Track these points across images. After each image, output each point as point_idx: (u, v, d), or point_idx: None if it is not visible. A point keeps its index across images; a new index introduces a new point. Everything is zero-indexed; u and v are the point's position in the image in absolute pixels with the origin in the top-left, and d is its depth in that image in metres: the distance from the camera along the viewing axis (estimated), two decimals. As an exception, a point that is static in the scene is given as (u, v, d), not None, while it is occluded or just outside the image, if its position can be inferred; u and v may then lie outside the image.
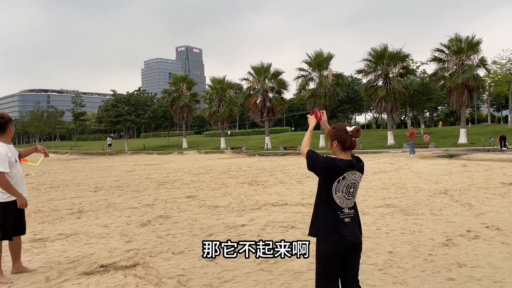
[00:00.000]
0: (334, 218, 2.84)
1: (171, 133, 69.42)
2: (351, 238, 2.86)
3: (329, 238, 2.85)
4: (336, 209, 2.85)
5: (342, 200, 2.86)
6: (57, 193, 12.37)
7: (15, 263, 4.73)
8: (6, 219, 4.44)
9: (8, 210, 4.45)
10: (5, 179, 4.36)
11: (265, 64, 39.02)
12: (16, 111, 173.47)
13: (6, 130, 4.56)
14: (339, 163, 2.85)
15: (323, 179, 2.89)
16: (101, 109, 52.91)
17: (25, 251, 5.46)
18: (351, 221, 2.91)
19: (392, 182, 11.92)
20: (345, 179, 2.84)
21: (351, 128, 2.88)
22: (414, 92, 39.72)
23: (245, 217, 7.64)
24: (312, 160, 2.93)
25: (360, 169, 2.93)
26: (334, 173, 2.83)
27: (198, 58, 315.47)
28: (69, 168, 24.71)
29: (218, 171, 18.34)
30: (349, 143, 2.89)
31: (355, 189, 2.91)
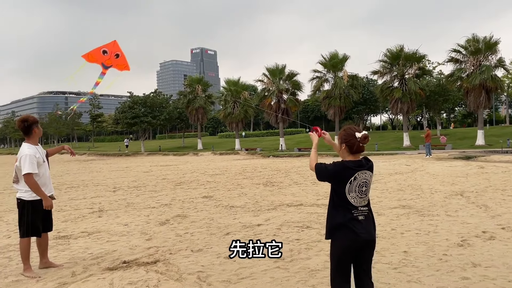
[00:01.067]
0: (348, 217, 2.97)
1: (186, 134, 69.97)
2: (365, 235, 2.98)
3: (344, 236, 2.98)
4: (350, 209, 2.98)
5: (356, 200, 2.99)
6: (77, 192, 12.70)
7: (42, 259, 4.95)
8: (35, 216, 4.66)
9: (37, 207, 4.67)
10: (33, 179, 4.57)
11: (279, 65, 39.14)
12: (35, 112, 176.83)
13: (32, 133, 4.76)
14: (348, 164, 2.99)
15: (336, 183, 3.03)
16: (118, 111, 53.67)
17: (51, 248, 5.68)
18: (365, 219, 3.03)
19: (408, 184, 11.91)
20: (357, 179, 2.97)
21: (360, 134, 3.00)
22: (431, 93, 39.31)
23: (261, 217, 7.77)
24: (321, 170, 3.09)
25: (369, 168, 3.06)
26: (345, 175, 2.96)
27: (213, 60, 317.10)
28: (87, 169, 25.20)
29: (234, 172, 18.51)
30: (356, 147, 3.02)
31: (367, 187, 3.04)
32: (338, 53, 36.29)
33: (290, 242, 5.76)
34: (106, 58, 6.55)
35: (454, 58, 31.34)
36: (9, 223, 7.90)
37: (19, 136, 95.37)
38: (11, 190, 13.82)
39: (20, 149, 4.75)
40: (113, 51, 6.62)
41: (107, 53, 6.57)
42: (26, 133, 4.75)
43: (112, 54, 6.62)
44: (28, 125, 4.74)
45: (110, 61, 6.58)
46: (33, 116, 4.99)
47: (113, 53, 6.62)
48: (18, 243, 5.76)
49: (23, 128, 4.75)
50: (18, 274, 4.74)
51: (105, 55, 6.55)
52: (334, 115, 36.43)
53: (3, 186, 15.78)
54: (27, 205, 4.62)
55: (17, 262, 5.16)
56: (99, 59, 6.54)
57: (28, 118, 4.84)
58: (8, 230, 7.29)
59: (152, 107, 49.55)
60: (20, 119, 4.85)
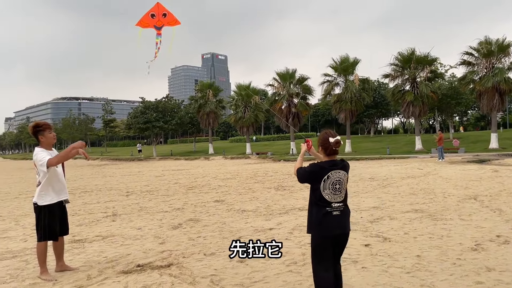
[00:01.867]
0: (323, 212, 3.37)
1: (197, 139, 70.34)
2: (337, 230, 3.39)
3: (319, 230, 3.40)
4: (325, 205, 3.37)
5: (330, 196, 3.37)
6: (91, 197, 12.87)
7: (58, 262, 5.05)
8: (52, 220, 4.75)
9: (54, 211, 4.76)
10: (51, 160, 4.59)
11: (290, 70, 39.16)
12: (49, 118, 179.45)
13: (43, 138, 4.82)
14: (322, 164, 3.43)
15: (312, 181, 3.44)
16: (130, 116, 54.22)
17: (66, 251, 5.78)
18: (340, 214, 3.41)
19: (420, 188, 11.82)
20: (330, 178, 3.36)
21: (333, 139, 3.41)
22: (443, 96, 38.95)
23: (272, 221, 7.79)
24: (300, 173, 3.54)
25: (343, 167, 3.44)
26: (319, 173, 3.38)
27: (223, 65, 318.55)
28: (100, 174, 25.49)
29: (245, 176, 18.56)
30: (330, 150, 3.45)
31: (340, 185, 3.40)
32: (349, 56, 36.21)
33: (302, 246, 5.77)
34: (156, 21, 7.06)
35: (467, 60, 31.02)
36: (25, 227, 8.05)
37: (33, 141, 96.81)
38: (26, 195, 14.08)
39: (33, 153, 4.83)
40: (159, 12, 7.10)
41: (155, 16, 7.08)
42: (38, 138, 4.85)
43: (160, 14, 7.10)
44: (39, 131, 4.80)
45: (161, 22, 7.07)
46: (44, 122, 5.04)
47: (160, 14, 7.10)
48: (34, 246, 5.88)
49: (34, 133, 4.83)
50: (35, 277, 4.83)
51: (154, 18, 7.06)
52: (345, 119, 36.29)
53: (19, 190, 16.06)
54: (43, 210, 4.72)
55: (34, 265, 5.27)
56: (151, 23, 7.07)
57: (39, 123, 4.90)
58: (25, 234, 7.42)
59: (163, 112, 49.95)
60: (31, 125, 4.94)
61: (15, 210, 10.64)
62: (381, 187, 12.47)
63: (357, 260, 5.04)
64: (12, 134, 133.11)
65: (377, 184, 13.16)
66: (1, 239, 7.08)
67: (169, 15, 7.18)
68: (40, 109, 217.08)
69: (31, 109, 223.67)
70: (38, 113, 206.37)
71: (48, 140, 4.85)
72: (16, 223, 8.59)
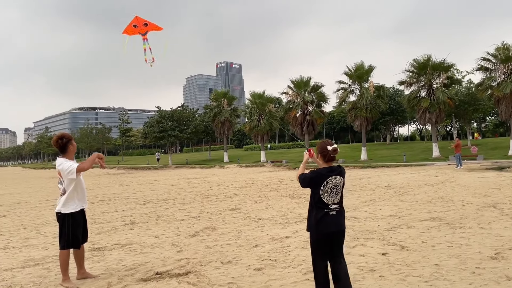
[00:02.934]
0: (321, 213, 3.79)
1: (212, 147, 70.71)
2: (334, 227, 3.82)
3: (317, 227, 3.80)
4: (323, 207, 3.80)
5: (328, 199, 3.80)
6: (109, 205, 13.07)
7: (80, 270, 5.16)
8: (75, 228, 4.87)
9: (77, 219, 4.89)
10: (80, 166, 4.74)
11: (304, 77, 39.20)
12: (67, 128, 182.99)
13: (67, 149, 4.99)
14: (321, 171, 3.84)
15: (313, 186, 3.84)
16: (146, 125, 54.89)
17: (86, 259, 5.90)
18: (336, 214, 3.85)
19: (438, 195, 11.68)
20: (329, 183, 3.79)
21: (330, 148, 3.84)
22: (460, 103, 38.43)
23: (288, 229, 7.81)
24: (302, 178, 3.95)
25: (339, 173, 3.87)
26: (319, 179, 3.79)
27: (237, 73, 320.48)
28: (117, 182, 25.83)
29: (260, 184, 18.60)
30: (328, 157, 3.88)
31: (337, 189, 3.84)
32: (363, 63, 36.05)
33: (318, 255, 5.77)
34: (139, 30, 7.82)
35: (484, 66, 30.60)
36: (46, 235, 8.23)
37: (52, 151, 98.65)
38: (46, 204, 14.38)
39: (57, 163, 4.96)
40: (140, 23, 7.84)
41: (137, 26, 7.83)
42: (62, 150, 4.97)
43: (141, 24, 7.84)
44: (65, 143, 4.95)
45: (143, 29, 7.82)
46: (68, 134, 5.19)
47: (141, 24, 7.85)
48: (55, 254, 6.04)
49: (60, 145, 4.96)
50: (57, 284, 4.95)
51: (137, 28, 7.81)
52: (360, 126, 36.07)
53: (39, 199, 16.40)
54: (67, 218, 4.84)
55: (55, 273, 5.39)
56: (135, 31, 7.83)
57: (64, 135, 5.04)
58: (46, 242, 7.59)
59: (179, 121, 50.45)
60: (56, 137, 5.08)
61: (35, 218, 10.87)
62: (398, 195, 12.36)
63: (374, 269, 5.02)
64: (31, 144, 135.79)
65: (393, 192, 13.05)
66: (23, 247, 7.25)
67: (150, 24, 7.90)
68: (58, 119, 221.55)
69: (50, 119, 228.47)
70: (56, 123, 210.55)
71: (74, 149, 5.08)
72: (37, 232, 8.79)
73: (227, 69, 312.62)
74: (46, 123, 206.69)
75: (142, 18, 7.89)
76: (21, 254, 6.66)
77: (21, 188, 25.12)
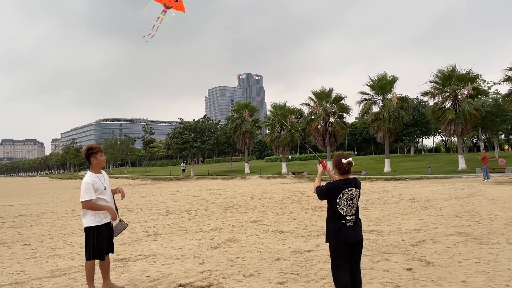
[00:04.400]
0: (339, 224, 3.91)
1: (233, 158, 71.01)
2: (352, 237, 3.92)
3: (336, 238, 3.92)
4: (340, 218, 3.91)
5: (344, 210, 3.92)
6: (133, 216, 13.26)
7: (105, 280, 5.24)
8: (100, 241, 4.97)
9: (102, 232, 4.99)
10: (88, 204, 4.86)
11: (326, 89, 39.11)
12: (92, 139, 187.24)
13: (90, 162, 5.09)
14: (337, 183, 3.95)
15: (330, 199, 3.95)
16: (169, 136, 55.64)
17: (111, 270, 5.99)
18: (353, 225, 3.96)
19: (465, 209, 11.39)
20: (345, 195, 3.90)
21: (345, 161, 3.94)
22: (487, 114, 37.55)
23: (310, 242, 7.75)
24: (319, 191, 4.06)
25: (355, 185, 3.97)
26: (336, 191, 3.91)
27: (259, 85, 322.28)
28: (141, 193, 26.19)
29: (281, 196, 18.54)
30: (343, 170, 3.99)
31: (353, 200, 3.96)
32: (386, 74, 35.71)
33: (341, 269, 5.70)
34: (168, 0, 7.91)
35: (511, 77, 29.90)
36: (73, 246, 8.41)
37: (78, 161, 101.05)
38: (72, 214, 14.70)
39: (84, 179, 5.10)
40: None
41: None
42: (90, 160, 5.11)
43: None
44: (87, 155, 5.08)
45: (171, 3, 7.95)
46: (95, 146, 5.24)
47: None
48: (82, 264, 6.16)
49: (87, 156, 5.10)
50: (83, 294, 5.04)
51: None
52: (383, 138, 35.60)
53: (65, 209, 16.79)
54: (92, 230, 4.95)
55: (81, 283, 5.51)
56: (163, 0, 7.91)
57: (90, 147, 5.13)
58: (72, 252, 7.75)
59: (201, 132, 50.96)
60: (85, 147, 5.22)
61: (62, 228, 11.13)
62: (423, 208, 12.12)
63: (399, 285, 4.93)
64: (58, 154, 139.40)
65: (418, 205, 12.79)
66: (50, 257, 7.43)
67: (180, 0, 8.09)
68: (84, 130, 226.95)
69: (76, 131, 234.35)
70: (82, 134, 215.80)
71: (99, 162, 5.12)
72: (64, 241, 8.99)
73: (248, 80, 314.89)
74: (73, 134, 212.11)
75: None
76: (48, 264, 6.82)
77: (48, 198, 25.77)
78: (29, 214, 15.32)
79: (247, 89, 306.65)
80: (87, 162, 5.16)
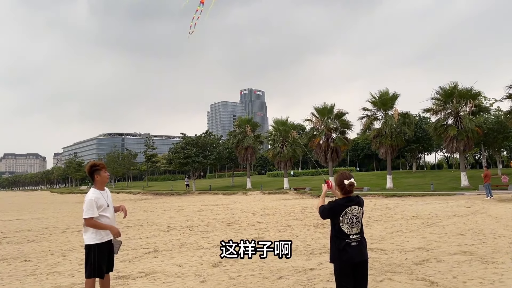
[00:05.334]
0: (343, 244, 3.84)
1: (235, 173, 70.85)
2: (357, 256, 3.84)
3: (341, 258, 3.84)
4: (344, 237, 3.85)
5: (348, 229, 3.86)
6: (134, 232, 13.18)
7: (105, 299, 5.18)
8: (101, 258, 4.93)
9: (103, 250, 4.95)
10: (91, 221, 4.84)
11: (328, 104, 39.19)
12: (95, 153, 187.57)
13: (94, 179, 5.08)
14: (339, 202, 3.93)
15: (332, 217, 3.91)
16: (171, 151, 55.65)
17: None
18: (358, 244, 3.88)
19: (468, 227, 11.29)
20: (347, 213, 3.84)
21: (347, 182, 3.91)
22: (489, 131, 37.50)
23: (313, 260, 7.67)
24: (321, 210, 4.04)
25: (358, 203, 3.93)
26: (338, 210, 3.87)
27: (261, 100, 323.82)
28: (142, 208, 26.08)
29: (283, 212, 18.43)
30: (345, 190, 3.95)
31: (357, 219, 3.89)
32: (388, 91, 35.83)
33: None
34: None
35: (512, 94, 29.96)
36: (73, 262, 8.34)
37: (80, 176, 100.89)
38: (73, 229, 14.63)
39: (86, 196, 5.07)
40: None
41: None
42: (91, 178, 5.10)
43: None
44: (91, 172, 5.06)
45: None
46: (99, 163, 5.22)
47: None
48: (81, 282, 6.10)
49: (91, 172, 5.09)
50: (82, 312, 4.98)
51: None
52: (385, 154, 35.52)
53: (66, 224, 16.71)
54: (93, 248, 4.91)
55: (81, 300, 5.43)
56: None
57: (94, 164, 5.11)
58: (72, 269, 7.69)
59: (203, 147, 51.00)
60: (89, 164, 5.21)
61: (62, 244, 11.06)
62: (426, 226, 12.02)
63: (402, 306, 4.86)
64: (60, 168, 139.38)
65: (421, 223, 12.69)
66: (50, 273, 7.37)
67: None
68: (86, 145, 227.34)
69: (78, 145, 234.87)
70: (84, 149, 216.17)
71: (102, 179, 5.10)
72: (64, 258, 8.93)
73: (250, 96, 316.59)
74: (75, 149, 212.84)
75: None
76: (48, 281, 6.76)
77: (49, 212, 25.68)
78: (30, 229, 15.25)
79: (249, 104, 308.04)
80: (91, 179, 5.15)
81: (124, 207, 5.41)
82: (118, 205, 5.45)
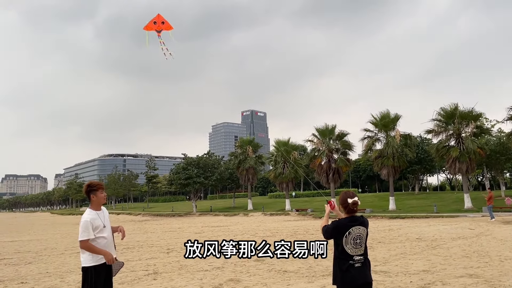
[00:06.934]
0: (346, 265, 3.73)
1: (236, 194, 70.49)
2: (360, 278, 3.73)
3: (343, 280, 3.73)
4: (348, 258, 3.74)
5: (352, 250, 3.75)
6: (133, 254, 12.98)
7: (102, 323, 5.01)
8: (98, 281, 4.80)
9: (100, 272, 4.82)
10: (86, 244, 4.72)
11: (329, 125, 39.29)
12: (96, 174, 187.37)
13: (90, 199, 5.00)
14: (343, 221, 3.84)
15: (336, 237, 3.81)
16: (172, 172, 55.57)
17: (109, 310, 5.77)
18: (361, 266, 3.78)
19: (473, 250, 11.09)
20: (351, 234, 3.75)
21: (350, 201, 3.83)
22: (491, 152, 37.39)
23: (315, 283, 7.50)
24: (325, 230, 3.93)
25: (362, 223, 3.84)
26: (341, 229, 3.77)
27: (262, 121, 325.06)
28: (142, 229, 25.83)
29: (285, 234, 18.19)
30: (349, 209, 3.86)
31: (361, 240, 3.79)
32: (389, 112, 35.93)
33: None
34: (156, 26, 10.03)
35: (514, 115, 29.97)
36: (70, 284, 8.18)
37: (80, 197, 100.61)
38: (72, 251, 14.43)
39: (82, 217, 4.97)
40: (159, 21, 10.07)
41: (157, 23, 10.07)
42: (88, 198, 5.02)
43: (159, 22, 10.07)
44: (87, 192, 4.98)
45: (160, 27, 10.04)
46: (96, 183, 5.12)
47: (159, 21, 10.08)
48: (79, 305, 5.93)
49: (87, 192, 5.00)
50: (78, 337, 4.83)
51: (155, 24, 10.04)
52: (387, 175, 35.35)
53: (65, 246, 16.51)
54: (90, 270, 4.79)
55: (77, 324, 5.28)
56: (153, 27, 10.02)
57: (90, 184, 5.03)
58: (69, 291, 7.52)
59: (204, 168, 50.91)
60: (86, 184, 5.14)
61: (60, 266, 10.88)
62: (430, 248, 11.81)
63: (409, 331, 4.70)
64: (61, 190, 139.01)
65: (425, 245, 12.48)
66: (47, 295, 7.20)
67: (166, 22, 10.09)
68: (87, 166, 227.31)
69: (79, 166, 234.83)
70: (85, 169, 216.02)
71: (99, 199, 5.01)
72: (61, 280, 8.76)
73: (252, 117, 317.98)
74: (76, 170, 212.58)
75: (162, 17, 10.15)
76: (44, 303, 6.60)
77: (48, 234, 25.44)
78: (28, 251, 15.06)
79: (250, 125, 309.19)
80: (89, 199, 5.07)
81: (122, 228, 5.29)
82: (116, 226, 5.34)
